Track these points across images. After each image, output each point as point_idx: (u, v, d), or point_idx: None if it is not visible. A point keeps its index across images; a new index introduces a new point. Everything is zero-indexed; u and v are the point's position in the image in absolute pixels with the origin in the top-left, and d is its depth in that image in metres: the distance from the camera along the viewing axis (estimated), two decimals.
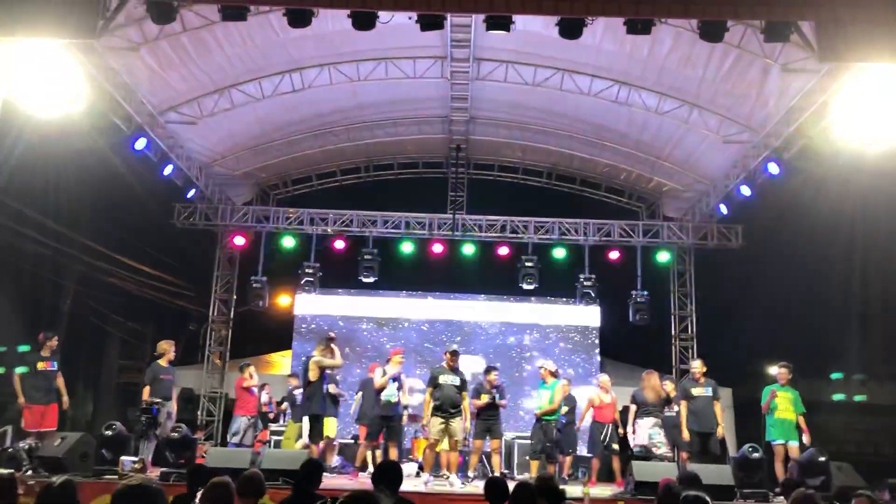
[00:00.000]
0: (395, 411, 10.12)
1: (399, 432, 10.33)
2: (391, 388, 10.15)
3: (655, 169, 15.22)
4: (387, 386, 10.12)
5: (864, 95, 9.12)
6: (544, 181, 16.94)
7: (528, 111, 14.27)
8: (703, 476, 8.18)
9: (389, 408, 10.09)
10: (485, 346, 15.87)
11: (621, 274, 15.96)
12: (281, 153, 15.48)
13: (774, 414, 10.10)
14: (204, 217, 15.61)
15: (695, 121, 12.68)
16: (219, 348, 16.17)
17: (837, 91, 9.78)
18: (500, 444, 10.69)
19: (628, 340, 17.58)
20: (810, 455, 8.80)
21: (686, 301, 16.22)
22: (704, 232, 15.53)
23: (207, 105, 12.71)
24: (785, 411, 10.06)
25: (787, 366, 10.46)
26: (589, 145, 15.13)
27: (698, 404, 9.93)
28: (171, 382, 10.76)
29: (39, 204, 15.55)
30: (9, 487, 4.59)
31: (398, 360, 10.38)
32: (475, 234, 15.70)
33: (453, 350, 10.25)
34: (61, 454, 8.27)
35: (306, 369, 9.84)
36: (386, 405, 10.10)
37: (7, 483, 4.64)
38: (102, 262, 17.93)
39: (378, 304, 16.22)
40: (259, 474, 5.42)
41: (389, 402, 10.10)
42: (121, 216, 16.39)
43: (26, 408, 9.81)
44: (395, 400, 10.14)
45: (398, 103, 14.24)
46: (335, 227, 15.67)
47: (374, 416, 10.27)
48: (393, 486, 5.80)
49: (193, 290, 19.34)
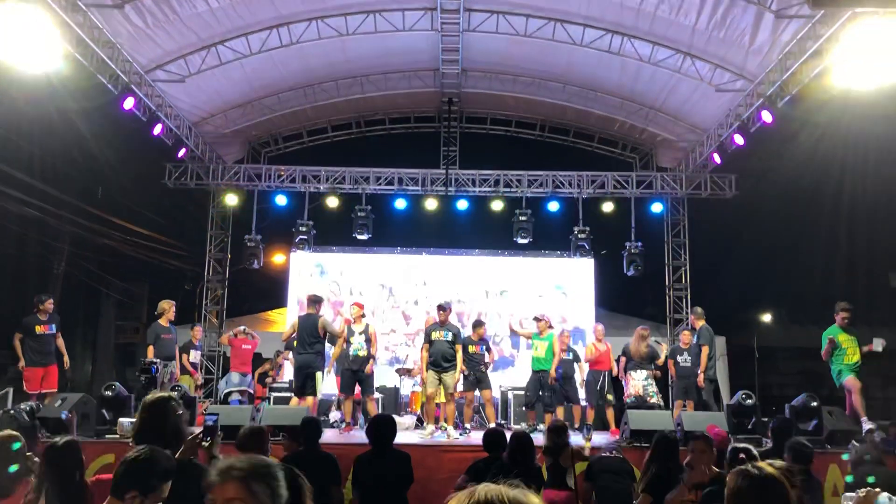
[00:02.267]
0: (364, 365, 10.26)
1: (370, 385, 10.49)
2: (358, 340, 10.25)
3: (649, 119, 15.15)
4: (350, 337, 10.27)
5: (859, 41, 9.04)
6: (537, 134, 16.84)
7: (521, 63, 14.11)
8: (697, 423, 8.37)
9: (357, 361, 10.22)
10: (479, 300, 15.90)
11: (615, 226, 15.99)
12: (271, 110, 15.32)
13: (843, 359, 9.51)
14: (195, 176, 15.52)
15: (688, 69, 12.57)
16: (215, 307, 16.23)
17: (832, 37, 9.70)
18: (490, 394, 10.86)
19: (623, 291, 17.68)
20: (803, 400, 8.94)
21: (680, 251, 16.28)
22: (698, 182, 15.51)
23: (195, 62, 12.54)
24: (854, 355, 9.51)
25: (847, 308, 9.68)
26: (582, 96, 15.03)
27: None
28: (172, 342, 10.88)
29: (26, 165, 15.44)
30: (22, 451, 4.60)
31: (358, 313, 10.51)
32: (469, 188, 15.67)
33: (440, 305, 10.39)
34: (62, 415, 8.34)
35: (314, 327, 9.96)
36: (354, 359, 10.24)
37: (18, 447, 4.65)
38: (95, 223, 17.86)
39: (373, 262, 16.22)
40: (262, 428, 5.50)
41: (357, 356, 10.25)
42: (111, 177, 16.28)
43: (27, 370, 9.88)
44: (364, 353, 10.26)
45: (388, 57, 14.06)
46: (328, 185, 15.60)
47: (345, 370, 10.42)
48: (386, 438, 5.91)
49: (188, 249, 19.34)
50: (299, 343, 10.11)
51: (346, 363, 10.40)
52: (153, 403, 3.80)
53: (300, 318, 10.43)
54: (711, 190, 15.39)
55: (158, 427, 3.67)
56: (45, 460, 4.27)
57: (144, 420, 3.76)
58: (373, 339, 10.42)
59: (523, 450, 5.74)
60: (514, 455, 5.74)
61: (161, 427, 3.67)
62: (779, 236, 18.80)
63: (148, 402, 3.83)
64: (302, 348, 10.05)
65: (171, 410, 3.77)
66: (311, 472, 5.53)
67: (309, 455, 5.86)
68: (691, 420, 8.72)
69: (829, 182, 15.00)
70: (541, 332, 11.21)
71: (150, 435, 3.60)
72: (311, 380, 9.92)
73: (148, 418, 3.75)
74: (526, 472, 5.47)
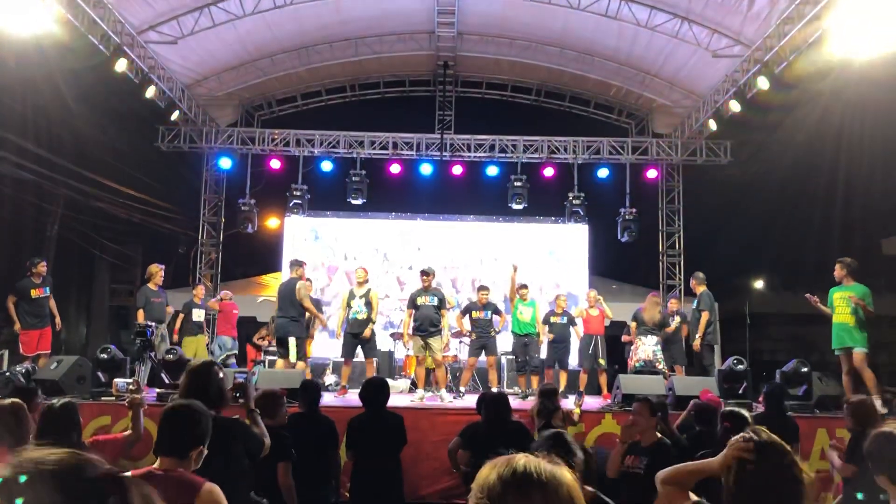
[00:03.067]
0: (363, 328, 10.21)
1: (370, 348, 10.39)
2: (357, 304, 10.25)
3: (645, 84, 15.07)
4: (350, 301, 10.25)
5: (857, 7, 8.98)
6: (533, 99, 16.73)
7: (517, 26, 13.99)
8: (688, 388, 8.46)
9: (357, 324, 10.21)
10: (473, 266, 15.93)
11: (610, 192, 15.98)
12: (264, 73, 15.19)
13: (833, 318, 8.89)
14: (189, 139, 15.44)
15: (685, 34, 12.47)
16: (209, 271, 16.24)
17: (830, 3, 9.62)
18: (495, 360, 10.90)
19: (617, 257, 17.73)
20: (794, 365, 9.02)
21: (674, 217, 16.31)
22: (693, 148, 15.49)
23: (187, 24, 12.38)
24: (841, 314, 8.81)
25: (842, 261, 8.92)
26: (578, 61, 14.92)
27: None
28: (162, 305, 11.00)
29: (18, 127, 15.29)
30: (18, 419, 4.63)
31: (363, 277, 10.49)
32: (464, 153, 15.62)
33: (423, 270, 10.39)
34: (58, 377, 8.39)
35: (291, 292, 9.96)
36: (353, 322, 10.22)
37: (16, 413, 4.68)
38: (88, 185, 17.75)
39: (367, 227, 16.21)
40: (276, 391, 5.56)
41: (356, 319, 10.22)
42: (104, 139, 16.13)
43: (24, 333, 9.93)
44: (363, 317, 10.24)
45: (383, 19, 13.91)
46: (322, 149, 15.53)
47: (346, 334, 10.36)
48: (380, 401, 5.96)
49: (181, 213, 19.27)
50: (278, 307, 10.14)
51: (346, 327, 10.40)
52: (197, 368, 3.97)
53: (281, 283, 10.47)
54: (706, 156, 15.37)
55: (202, 390, 3.81)
56: (42, 421, 4.32)
57: (189, 384, 3.89)
58: (373, 304, 10.41)
59: (497, 410, 5.81)
60: (489, 416, 5.82)
61: (205, 390, 3.82)
62: (773, 203, 18.80)
63: (192, 367, 3.99)
64: (278, 312, 10.07)
65: (214, 374, 3.94)
66: (310, 436, 5.65)
67: (309, 418, 5.91)
68: (682, 385, 8.82)
69: (824, 149, 14.96)
70: (524, 299, 11.30)
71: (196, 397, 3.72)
72: (283, 345, 9.95)
73: (192, 382, 3.89)
74: (505, 432, 5.53)
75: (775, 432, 2.49)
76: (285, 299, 10.02)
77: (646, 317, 10.52)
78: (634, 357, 10.43)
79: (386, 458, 5.77)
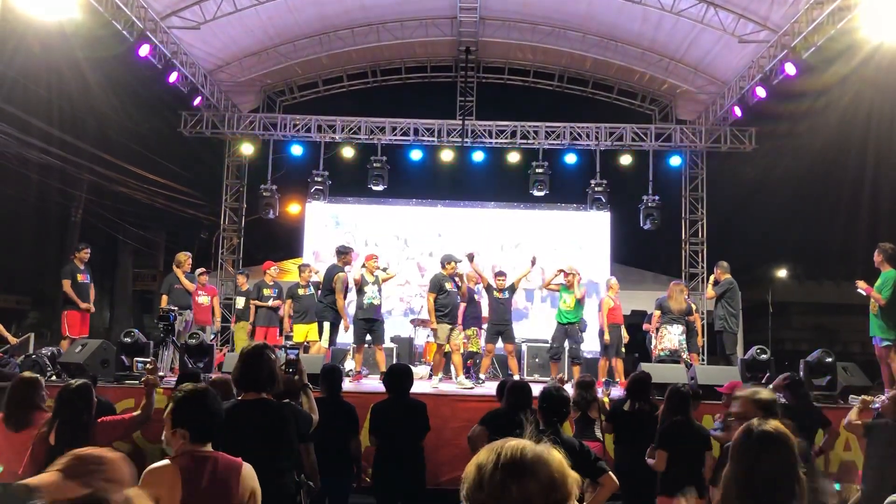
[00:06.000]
0: (377, 314, 10.20)
1: (382, 334, 10.36)
2: (372, 290, 10.24)
3: (669, 70, 14.90)
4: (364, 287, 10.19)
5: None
6: (555, 84, 16.59)
7: (539, 11, 13.86)
8: (713, 376, 8.40)
9: (371, 310, 10.17)
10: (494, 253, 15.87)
11: (632, 179, 15.85)
12: (286, 58, 15.19)
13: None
14: (211, 125, 15.48)
15: (710, 19, 12.30)
16: (231, 256, 16.34)
17: None
18: (513, 347, 10.81)
19: (638, 245, 17.62)
20: (818, 355, 8.92)
21: (697, 205, 16.15)
22: (717, 135, 15.30)
23: (210, 9, 12.39)
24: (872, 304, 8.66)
25: (880, 246, 8.69)
26: (601, 46, 14.77)
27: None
28: (186, 291, 11.10)
29: (44, 112, 15.44)
30: (34, 389, 4.77)
31: (373, 265, 10.45)
32: (485, 140, 15.55)
33: (446, 256, 10.38)
34: (83, 360, 8.46)
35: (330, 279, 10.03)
36: (368, 308, 10.17)
37: (33, 384, 4.80)
38: (112, 171, 17.91)
39: (388, 213, 16.21)
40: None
41: (371, 305, 10.17)
42: (128, 125, 16.28)
43: (71, 314, 10.08)
44: (378, 302, 10.22)
45: (404, 3, 13.85)
46: (343, 135, 15.52)
47: (358, 320, 10.26)
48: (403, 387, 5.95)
49: (203, 198, 19.40)
50: (322, 286, 10.35)
51: (360, 313, 10.39)
52: (251, 352, 4.00)
53: (328, 267, 10.53)
54: (731, 143, 15.18)
55: (256, 373, 3.88)
56: (58, 399, 4.54)
57: (242, 368, 3.94)
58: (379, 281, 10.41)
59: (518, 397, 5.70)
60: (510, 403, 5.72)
61: (258, 373, 3.88)
62: (798, 191, 18.57)
63: (246, 352, 4.03)
64: (321, 294, 10.32)
65: (267, 358, 3.96)
66: (332, 422, 5.64)
67: (331, 403, 5.88)
68: (705, 374, 8.74)
69: (852, 137, 14.73)
70: (569, 286, 11.09)
71: (248, 381, 3.89)
72: (318, 328, 10.11)
73: (246, 366, 3.93)
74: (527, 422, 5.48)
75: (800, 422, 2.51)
76: (326, 284, 10.15)
77: (673, 305, 10.40)
78: (660, 346, 10.31)
79: (409, 444, 5.77)
